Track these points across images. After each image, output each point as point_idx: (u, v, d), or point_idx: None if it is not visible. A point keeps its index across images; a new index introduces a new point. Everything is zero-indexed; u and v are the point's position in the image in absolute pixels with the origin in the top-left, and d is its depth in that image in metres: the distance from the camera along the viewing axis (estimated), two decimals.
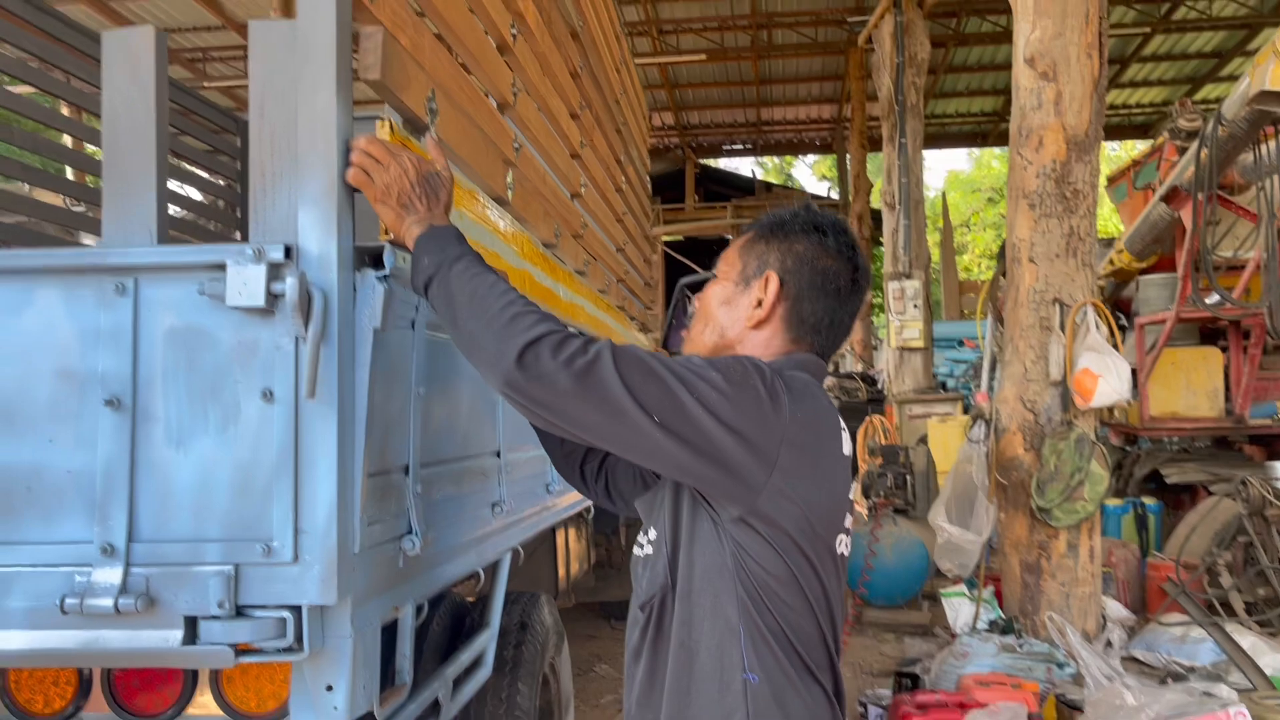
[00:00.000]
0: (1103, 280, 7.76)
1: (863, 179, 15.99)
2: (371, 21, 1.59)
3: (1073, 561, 4.62)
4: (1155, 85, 19.47)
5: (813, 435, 1.42)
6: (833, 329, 1.58)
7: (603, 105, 4.39)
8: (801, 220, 1.60)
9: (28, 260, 1.45)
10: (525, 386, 1.31)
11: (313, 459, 1.42)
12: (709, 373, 1.35)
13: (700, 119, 21.84)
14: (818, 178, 35.22)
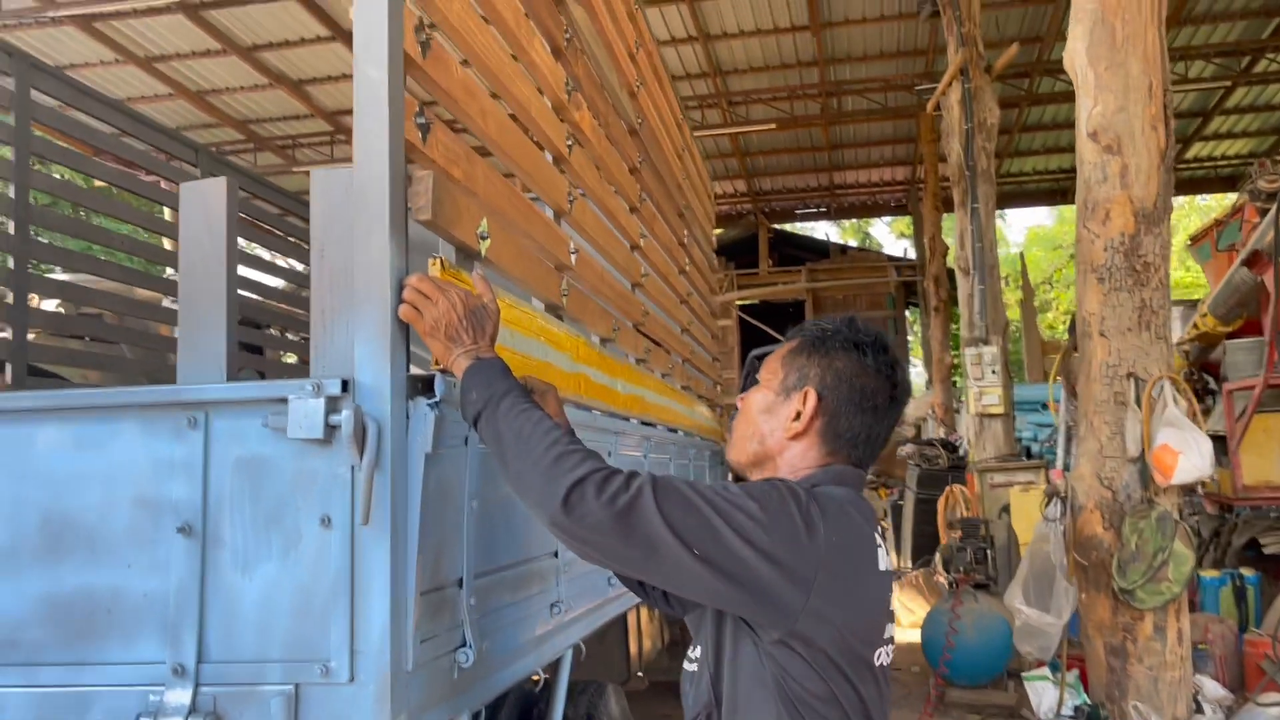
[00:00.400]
0: (1187, 344, 7.56)
1: (938, 241, 15.87)
2: (424, 162, 1.70)
3: (1160, 644, 4.46)
4: (1241, 137, 19.04)
5: (848, 557, 1.47)
6: (869, 443, 1.65)
7: (664, 194, 4.49)
8: (843, 337, 1.67)
9: (111, 398, 1.58)
10: (571, 526, 1.39)
11: (368, 581, 1.49)
12: (746, 502, 1.42)
13: (772, 185, 21.98)
14: (896, 235, 35.00)
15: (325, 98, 16.30)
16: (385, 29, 1.56)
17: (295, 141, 18.02)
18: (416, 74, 1.71)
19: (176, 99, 16.03)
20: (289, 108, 16.70)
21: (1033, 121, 18.06)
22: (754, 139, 18.55)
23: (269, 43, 14.46)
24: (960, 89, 9.52)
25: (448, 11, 1.84)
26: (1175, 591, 4.36)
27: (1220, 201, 23.90)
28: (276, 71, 15.30)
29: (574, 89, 2.75)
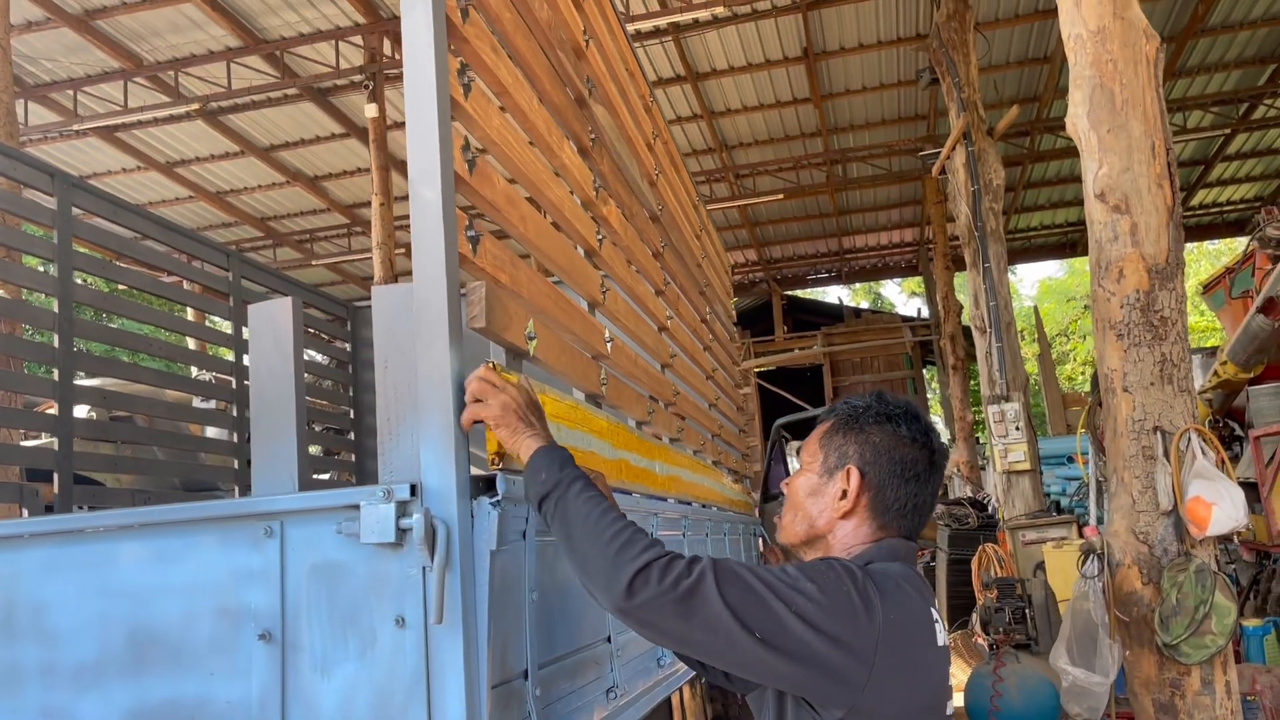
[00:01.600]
0: (1210, 393, 7.57)
1: (951, 300, 15.99)
2: (476, 272, 1.80)
3: (1209, 699, 4.40)
4: (1244, 182, 19.21)
5: (906, 635, 1.52)
6: (916, 512, 1.71)
7: (685, 274, 4.61)
8: (875, 411, 1.74)
9: (190, 512, 1.66)
10: (635, 611, 1.46)
11: (442, 679, 1.55)
12: (804, 584, 1.48)
13: (783, 252, 22.25)
14: (907, 295, 35.22)
15: (341, 191, 16.70)
16: (437, 153, 1.67)
17: (312, 235, 18.41)
18: (464, 190, 1.82)
19: (197, 200, 16.45)
20: (305, 203, 17.11)
21: (1036, 178, 18.30)
22: (762, 209, 18.84)
23: (285, 142, 14.89)
24: (964, 152, 9.71)
25: (488, 128, 1.96)
26: (1220, 644, 4.32)
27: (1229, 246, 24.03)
28: (293, 169, 15.71)
29: (601, 185, 2.87)
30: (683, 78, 13.62)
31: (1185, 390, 4.58)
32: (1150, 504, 4.56)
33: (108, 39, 11.98)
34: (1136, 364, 4.58)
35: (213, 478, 5.28)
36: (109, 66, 12.59)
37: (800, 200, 18.48)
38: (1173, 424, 4.52)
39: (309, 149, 15.08)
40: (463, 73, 1.83)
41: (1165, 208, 4.58)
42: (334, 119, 14.05)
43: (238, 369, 4.71)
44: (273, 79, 12.70)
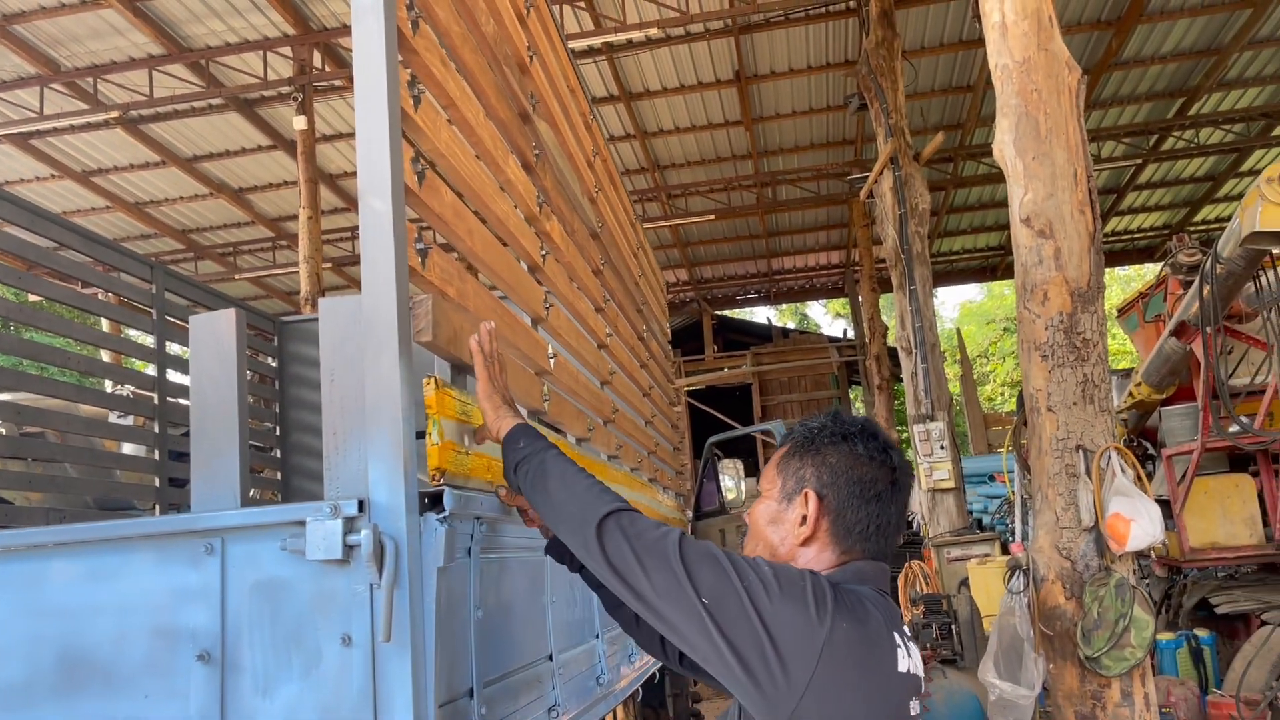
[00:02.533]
0: (1125, 413, 7.82)
1: (877, 321, 16.29)
2: (424, 285, 1.78)
3: (1129, 710, 4.53)
4: (1154, 210, 19.96)
5: (859, 653, 1.44)
6: (880, 533, 1.63)
7: (624, 292, 4.62)
8: (830, 431, 1.69)
9: (125, 529, 1.60)
10: (599, 551, 1.53)
11: (390, 698, 1.52)
12: (763, 569, 1.47)
13: (713, 273, 22.44)
14: (832, 316, 35.76)
15: (266, 204, 16.39)
16: (388, 164, 1.65)
17: (235, 249, 18.03)
18: (413, 202, 1.80)
19: (114, 211, 16.01)
20: (229, 216, 16.76)
21: (959, 203, 18.78)
22: (694, 229, 19.00)
23: (209, 153, 14.57)
24: (892, 177, 9.92)
25: (437, 141, 1.94)
26: (1139, 657, 4.45)
27: (1139, 272, 24.90)
28: (217, 181, 15.38)
29: (544, 201, 2.86)
30: (616, 97, 13.69)
31: (1106, 410, 4.74)
32: (1073, 520, 4.69)
33: (24, 44, 11.61)
34: (1060, 384, 4.72)
35: (130, 496, 5.11)
36: (25, 72, 12.20)
37: (731, 221, 18.68)
38: (1094, 442, 4.66)
39: (234, 160, 14.78)
40: (413, 84, 1.81)
41: (1087, 233, 4.73)
42: (260, 130, 13.80)
43: (159, 384, 4.57)
44: (197, 88, 12.42)
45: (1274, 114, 15.63)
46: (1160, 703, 5.63)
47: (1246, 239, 4.94)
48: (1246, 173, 17.54)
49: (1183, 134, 16.05)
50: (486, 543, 1.92)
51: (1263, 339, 5.94)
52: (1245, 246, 5.06)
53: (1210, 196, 18.95)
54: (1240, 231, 5.02)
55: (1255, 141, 16.19)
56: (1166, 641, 7.03)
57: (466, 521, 1.79)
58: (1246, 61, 14.22)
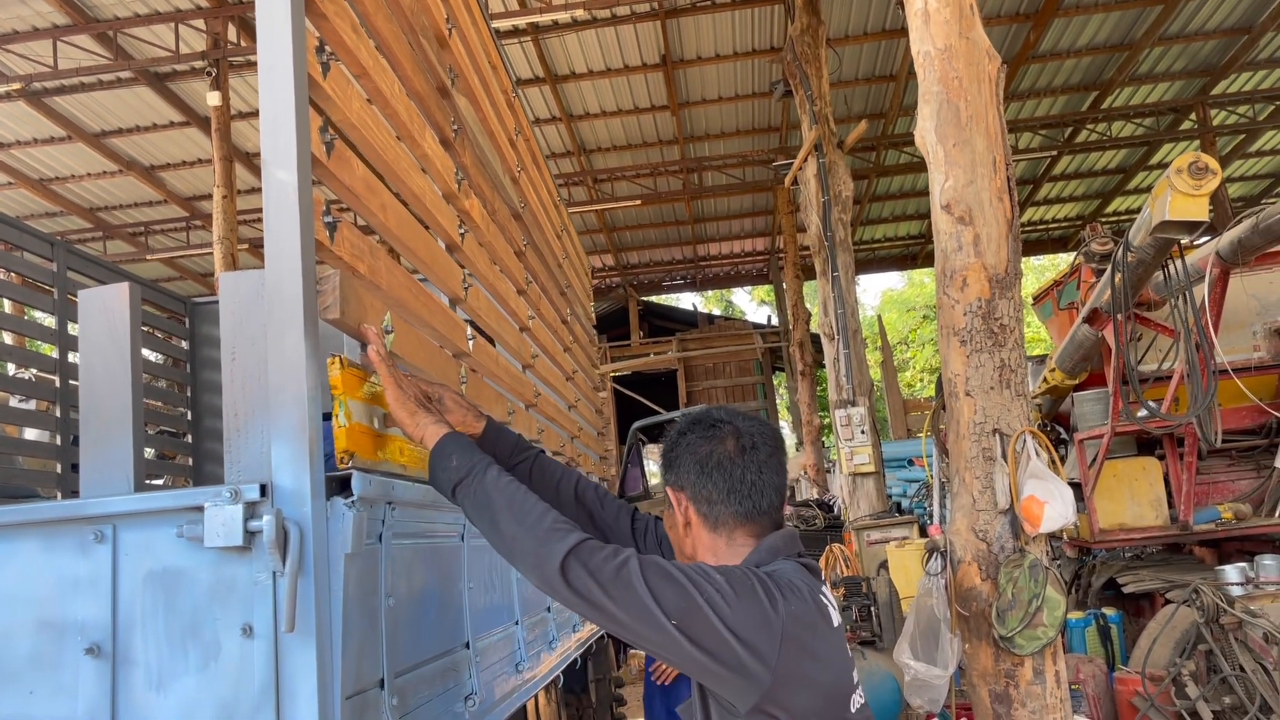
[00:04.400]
0: (1039, 398, 8.01)
1: (800, 307, 16.44)
2: (333, 260, 1.70)
3: (1040, 688, 4.64)
4: (1069, 201, 20.51)
5: (805, 626, 1.61)
6: (744, 492, 1.76)
7: (547, 274, 4.56)
8: (672, 436, 1.86)
9: (7, 516, 1.50)
10: (565, 588, 1.55)
11: (293, 691, 1.45)
12: (718, 580, 1.57)
13: (639, 258, 22.43)
14: (757, 303, 36.06)
15: (179, 183, 15.88)
16: (294, 132, 1.57)
17: (147, 228, 17.44)
18: (322, 174, 1.73)
19: (16, 187, 15.35)
20: (140, 194, 16.20)
21: (881, 191, 19.06)
22: (620, 214, 18.95)
23: (118, 129, 14.05)
24: (816, 164, 9.99)
25: (348, 111, 1.87)
26: (1051, 636, 4.56)
27: (1054, 261, 25.58)
28: (127, 158, 14.84)
29: (463, 178, 2.79)
30: (542, 79, 13.55)
31: (1022, 394, 4.82)
32: (989, 503, 4.77)
33: None
34: (978, 369, 4.79)
35: (32, 483, 4.89)
36: None
37: (657, 207, 18.68)
38: (1010, 426, 4.75)
39: (144, 136, 14.26)
40: (321, 50, 1.73)
41: (1005, 220, 4.81)
42: (173, 106, 13.33)
43: (62, 366, 4.37)
44: (105, 60, 11.94)
45: (1182, 108, 16.16)
46: (1069, 680, 5.78)
47: (1156, 228, 5.07)
48: (1156, 165, 18.12)
49: (1096, 127, 16.51)
50: (399, 528, 1.86)
51: (1171, 326, 6.11)
52: (1155, 235, 5.19)
53: (1122, 188, 19.53)
54: (1150, 221, 5.15)
55: (1164, 135, 16.71)
56: (1076, 620, 7.24)
57: (377, 506, 1.73)
58: (1157, 57, 14.66)
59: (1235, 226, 5.68)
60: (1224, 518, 6.85)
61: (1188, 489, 6.76)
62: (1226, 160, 18.09)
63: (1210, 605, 5.50)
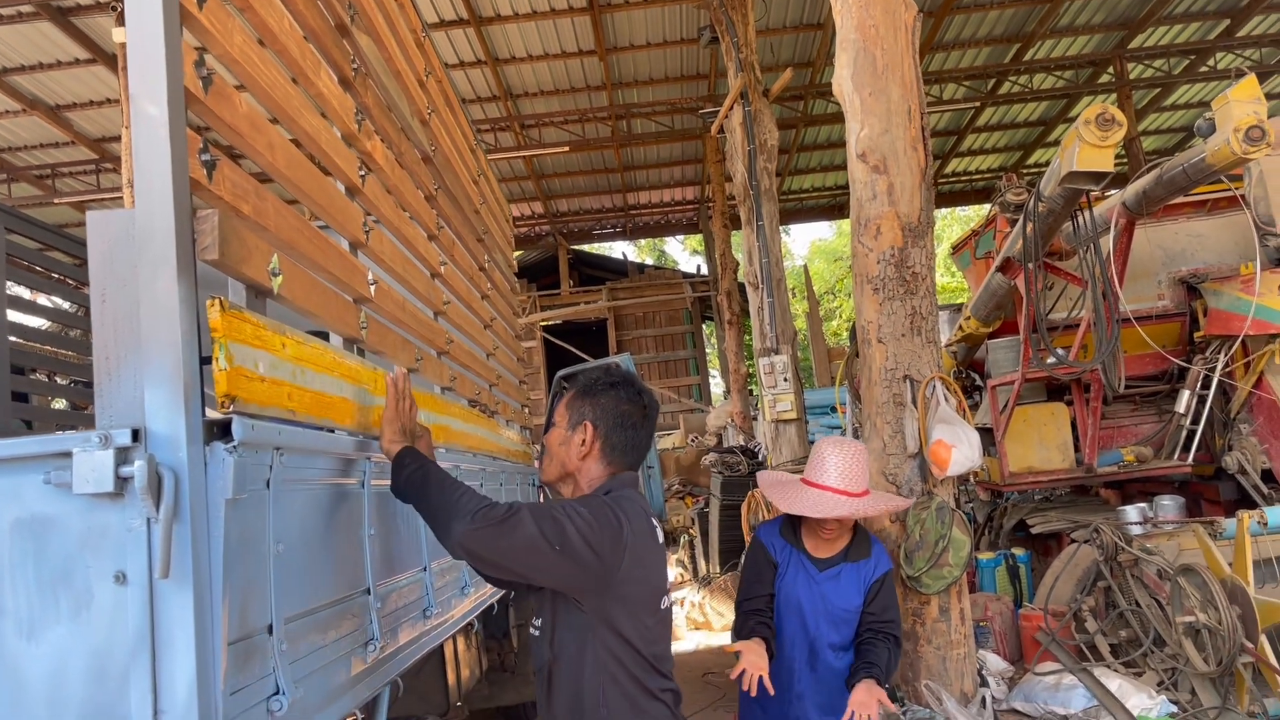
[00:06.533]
0: (955, 345, 8.18)
1: (728, 257, 16.49)
2: (211, 200, 1.65)
3: (946, 625, 4.80)
4: (991, 153, 20.81)
5: (642, 541, 2.18)
6: (635, 449, 2.37)
7: (462, 220, 4.49)
8: (603, 382, 2.38)
9: None
10: (470, 534, 1.99)
11: (170, 638, 1.44)
12: (583, 511, 2.10)
13: (569, 206, 22.22)
14: (689, 252, 36.10)
15: (88, 124, 15.26)
16: (163, 64, 1.51)
17: (54, 170, 16.73)
18: (199, 109, 1.67)
19: None
20: (45, 135, 15.53)
21: (809, 141, 19.11)
22: (548, 161, 18.73)
23: (19, 65, 13.40)
24: (741, 112, 9.97)
25: (228, 44, 1.80)
26: (956, 575, 4.71)
27: (977, 212, 26.02)
28: (30, 96, 14.19)
29: (364, 118, 2.72)
30: (465, 21, 13.24)
31: (932, 341, 4.93)
32: (899, 447, 4.89)
33: None
34: (890, 316, 4.88)
35: None
36: None
37: (586, 154, 18.49)
38: (920, 373, 4.85)
39: (48, 74, 13.63)
40: None
41: (919, 169, 4.87)
42: (78, 42, 12.74)
43: None
44: None
45: (1101, 62, 16.44)
46: (978, 617, 5.98)
47: (1065, 178, 5.17)
48: (1075, 118, 18.43)
49: (1018, 79, 16.72)
50: (290, 474, 1.83)
51: (1079, 275, 6.27)
52: (1064, 186, 5.30)
53: (1042, 141, 19.88)
54: (1060, 171, 5.25)
55: (1083, 88, 17.01)
56: (987, 560, 7.48)
57: (264, 452, 1.70)
58: (1077, 9, 14.85)
59: (1140, 178, 5.82)
60: (1126, 460, 7.11)
61: (1092, 433, 6.99)
62: (1142, 114, 18.50)
63: (1109, 544, 5.71)
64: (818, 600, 3.19)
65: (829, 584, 3.21)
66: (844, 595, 3.20)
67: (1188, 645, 4.82)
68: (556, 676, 2.17)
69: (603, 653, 2.11)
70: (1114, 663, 5.50)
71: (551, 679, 2.18)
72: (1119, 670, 5.27)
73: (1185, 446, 7.03)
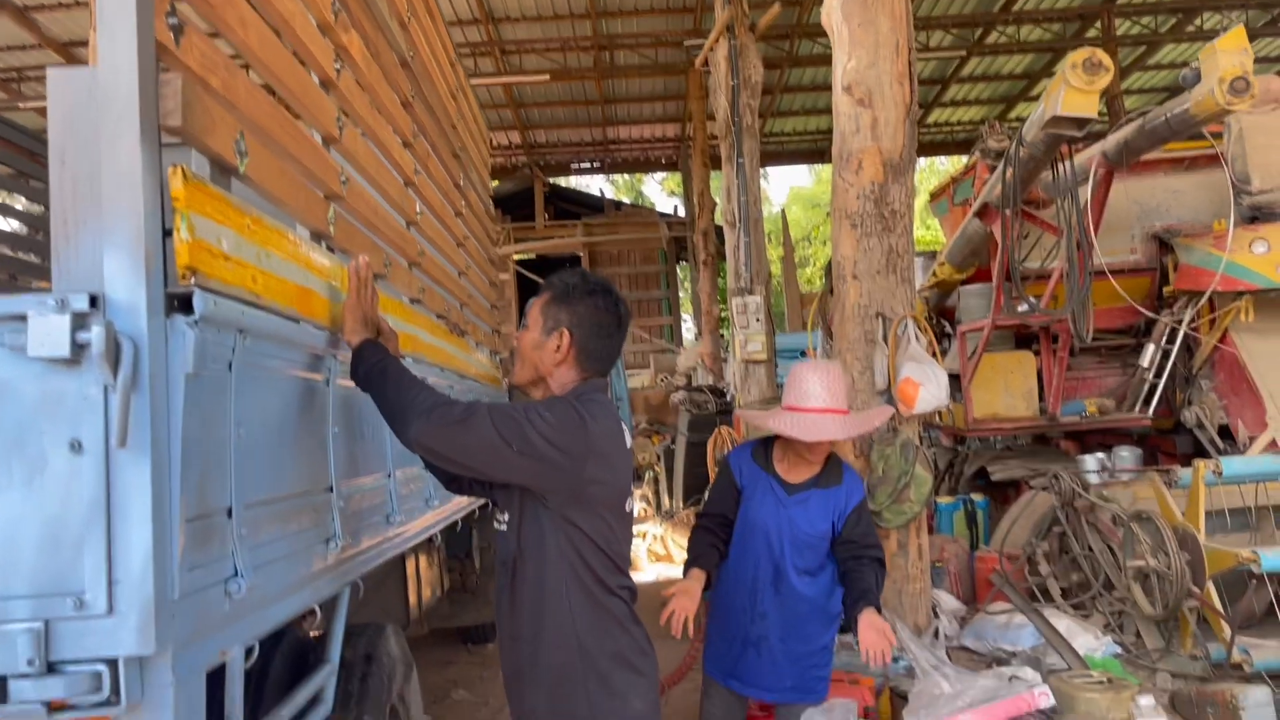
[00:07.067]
0: (928, 291, 8.20)
1: (706, 196, 16.38)
2: (177, 67, 1.59)
3: (903, 560, 4.88)
4: (974, 104, 20.73)
5: (607, 442, 2.21)
6: (609, 358, 2.38)
7: (438, 132, 4.40)
8: (581, 288, 2.35)
9: None
10: (427, 431, 2.03)
11: (126, 508, 1.41)
12: (543, 411, 2.12)
13: (547, 137, 21.94)
14: (667, 193, 35.82)
15: (56, 26, 14.79)
16: None
17: (20, 74, 16.25)
18: None
19: None
20: (11, 36, 15.04)
21: (793, 83, 18.91)
22: (528, 90, 18.43)
23: None
24: (727, 46, 9.81)
25: None
26: (916, 511, 4.77)
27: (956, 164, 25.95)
28: None
29: (341, 9, 2.64)
30: None
31: (907, 280, 4.93)
32: (868, 384, 4.91)
33: None
34: (867, 253, 4.87)
35: None
36: None
37: (567, 84, 18.21)
38: (894, 311, 4.86)
39: None
40: None
41: (904, 105, 4.82)
42: None
43: None
44: None
45: (1089, 15, 16.33)
46: (934, 558, 6.08)
47: (1048, 123, 5.15)
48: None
49: (1005, 29, 16.59)
50: (252, 359, 1.80)
51: (1055, 224, 6.28)
52: (1046, 130, 5.28)
53: (1025, 94, 19.79)
54: (1044, 115, 5.22)
55: (1070, 43, 16.91)
56: (946, 505, 7.59)
57: (226, 332, 1.66)
58: None
59: (1122, 128, 5.81)
60: (1089, 412, 7.20)
61: (1057, 383, 7.06)
62: (1127, 72, 18.45)
63: (1067, 490, 5.80)
64: (784, 524, 3.22)
65: (797, 508, 3.23)
66: (811, 520, 3.22)
67: (1136, 590, 4.92)
68: (521, 570, 2.20)
69: (567, 548, 2.15)
70: (1064, 605, 5.63)
71: (516, 572, 2.21)
72: (1068, 612, 5.39)
73: (1146, 400, 7.12)
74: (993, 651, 4.93)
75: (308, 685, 2.25)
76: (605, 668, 2.19)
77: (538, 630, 2.18)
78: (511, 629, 2.25)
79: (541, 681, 2.19)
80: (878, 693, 4.04)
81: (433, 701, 5.72)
